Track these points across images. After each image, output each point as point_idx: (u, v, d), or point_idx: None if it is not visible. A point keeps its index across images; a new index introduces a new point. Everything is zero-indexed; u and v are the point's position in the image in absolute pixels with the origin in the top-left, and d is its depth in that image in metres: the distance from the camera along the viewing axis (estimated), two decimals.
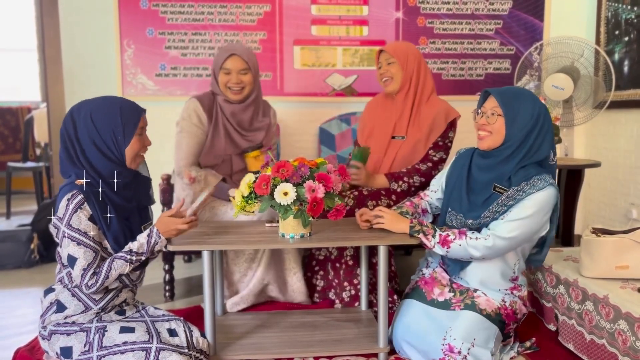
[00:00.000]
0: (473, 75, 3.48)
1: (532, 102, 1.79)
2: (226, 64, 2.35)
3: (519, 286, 1.98)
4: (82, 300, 1.69)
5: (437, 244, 1.86)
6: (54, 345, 1.67)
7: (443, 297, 1.95)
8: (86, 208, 1.61)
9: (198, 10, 3.27)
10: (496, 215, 1.80)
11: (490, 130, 1.81)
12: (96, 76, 3.28)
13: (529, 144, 1.77)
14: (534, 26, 3.46)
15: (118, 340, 1.61)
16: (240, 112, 2.42)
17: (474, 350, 1.80)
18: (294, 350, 1.93)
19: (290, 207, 1.82)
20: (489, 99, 1.85)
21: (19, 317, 2.41)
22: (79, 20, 3.25)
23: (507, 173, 1.79)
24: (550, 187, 1.75)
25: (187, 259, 3.32)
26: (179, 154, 2.38)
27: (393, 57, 2.49)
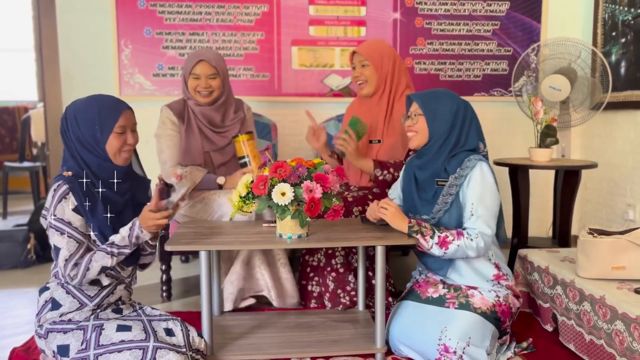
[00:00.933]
0: (470, 76, 3.49)
1: (450, 99, 1.96)
2: (195, 69, 2.40)
3: (504, 275, 2.00)
4: (76, 297, 1.69)
5: (435, 244, 1.86)
6: (50, 343, 1.67)
7: (437, 294, 1.97)
8: (71, 198, 1.63)
9: (196, 10, 3.27)
10: (447, 207, 1.92)
11: (415, 130, 1.98)
12: (93, 76, 3.27)
13: (454, 136, 1.93)
14: (531, 27, 3.47)
15: (115, 339, 1.61)
16: (210, 112, 2.47)
17: (470, 350, 1.81)
18: (291, 350, 1.93)
19: (288, 208, 1.82)
20: (412, 103, 2.02)
21: (16, 318, 2.41)
22: (76, 20, 3.25)
23: (442, 165, 1.94)
24: (480, 162, 1.91)
25: (184, 259, 3.31)
26: (162, 158, 2.43)
27: (367, 59, 2.46)
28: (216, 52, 2.49)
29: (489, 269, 1.98)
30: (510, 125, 3.52)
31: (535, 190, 3.34)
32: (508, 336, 2.01)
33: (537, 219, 3.53)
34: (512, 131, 3.53)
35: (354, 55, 2.52)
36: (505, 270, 2.01)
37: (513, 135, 3.53)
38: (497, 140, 3.53)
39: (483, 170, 1.90)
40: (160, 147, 2.44)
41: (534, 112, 2.82)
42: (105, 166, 1.70)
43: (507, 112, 3.50)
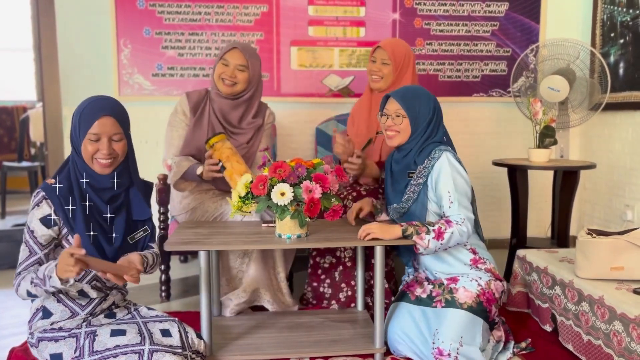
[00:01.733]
0: (469, 77, 3.49)
1: (427, 97, 2.03)
2: (226, 55, 2.35)
3: (481, 259, 2.01)
4: (67, 306, 1.68)
5: (431, 239, 1.87)
6: (42, 352, 1.66)
7: (425, 293, 1.99)
8: (43, 206, 1.61)
9: (195, 10, 3.27)
10: (416, 196, 1.98)
11: (398, 130, 2.02)
12: (92, 76, 3.27)
13: (427, 132, 2.02)
14: (530, 28, 3.47)
15: (109, 344, 1.58)
16: (229, 108, 2.40)
17: (463, 350, 1.82)
18: (290, 350, 1.93)
19: (287, 208, 1.83)
20: (390, 101, 2.04)
21: (14, 318, 2.41)
22: (75, 19, 3.24)
23: (412, 158, 2.02)
24: (444, 152, 1.97)
25: (183, 259, 3.31)
26: (166, 148, 2.42)
27: (390, 59, 2.47)
28: (255, 50, 2.44)
29: (465, 255, 2.01)
30: (509, 125, 3.52)
31: (534, 191, 3.35)
32: (502, 330, 2.02)
33: (536, 220, 3.53)
34: (510, 132, 3.53)
35: (377, 50, 2.52)
36: (483, 254, 2.04)
37: (512, 135, 3.53)
38: (495, 141, 3.53)
39: (449, 158, 1.96)
40: (166, 134, 2.42)
41: (533, 113, 2.83)
42: (90, 172, 1.67)
43: (505, 113, 3.51)
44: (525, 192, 2.88)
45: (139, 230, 1.77)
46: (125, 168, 1.72)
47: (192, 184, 2.38)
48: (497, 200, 3.53)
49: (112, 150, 1.65)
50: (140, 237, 1.78)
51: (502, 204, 3.51)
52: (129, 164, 1.74)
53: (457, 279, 1.98)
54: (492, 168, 3.02)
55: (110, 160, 1.66)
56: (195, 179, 2.31)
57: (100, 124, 1.63)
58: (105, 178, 1.68)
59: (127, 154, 1.73)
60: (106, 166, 1.66)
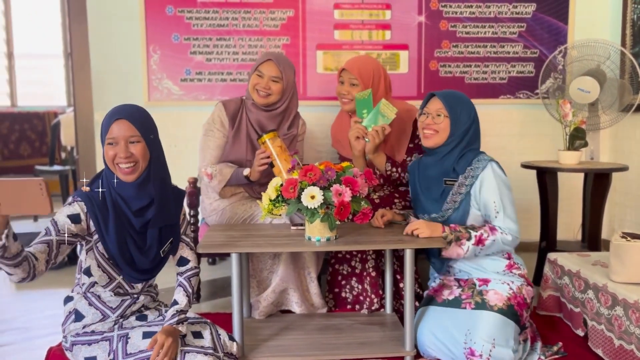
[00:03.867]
0: (496, 79, 3.46)
1: (468, 104, 2.05)
2: (261, 66, 2.38)
3: (515, 264, 2.03)
4: (99, 309, 1.71)
5: (471, 245, 1.91)
6: (77, 356, 1.68)
7: (453, 295, 2.01)
8: (75, 206, 1.61)
9: (222, 16, 3.31)
10: (457, 205, 1.98)
11: (436, 130, 2.02)
12: (123, 81, 3.33)
13: (466, 139, 2.02)
14: (558, 29, 3.43)
15: (142, 346, 1.60)
16: (265, 120, 2.42)
17: (496, 351, 1.82)
18: (320, 352, 1.95)
19: (317, 211, 1.84)
20: (432, 101, 2.06)
21: (49, 318, 2.47)
22: (106, 26, 3.31)
23: (451, 165, 2.02)
24: (490, 162, 1.99)
25: (212, 261, 3.35)
26: (201, 156, 2.43)
27: (357, 79, 2.44)
28: (289, 61, 2.46)
29: (501, 261, 2.02)
30: (537, 128, 3.49)
31: (563, 193, 3.30)
32: (528, 332, 2.00)
33: (565, 222, 3.48)
34: (539, 134, 3.49)
35: (343, 72, 2.49)
36: (517, 260, 2.05)
37: (540, 138, 3.49)
38: (523, 143, 3.50)
39: (494, 169, 1.98)
40: (202, 144, 2.43)
41: (563, 115, 2.80)
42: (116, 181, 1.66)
43: (533, 115, 3.47)
44: (555, 195, 2.85)
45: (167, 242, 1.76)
46: (149, 175, 1.68)
47: (232, 189, 2.39)
48: (525, 203, 3.49)
49: (130, 154, 1.63)
50: (168, 249, 1.77)
51: (530, 207, 3.46)
52: (155, 171, 1.70)
53: (489, 280, 1.98)
54: (519, 170, 3.00)
55: (130, 165, 1.64)
56: (241, 182, 2.32)
57: (115, 127, 1.63)
58: (130, 186, 1.66)
59: (151, 159, 1.69)
60: (128, 172, 1.64)
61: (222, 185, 2.32)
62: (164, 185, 1.74)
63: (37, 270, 1.48)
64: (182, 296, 1.75)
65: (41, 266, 1.49)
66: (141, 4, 3.27)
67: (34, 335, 2.28)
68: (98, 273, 1.68)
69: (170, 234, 1.77)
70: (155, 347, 1.55)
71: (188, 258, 1.83)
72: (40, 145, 5.74)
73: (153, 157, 1.69)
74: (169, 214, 1.74)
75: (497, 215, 1.95)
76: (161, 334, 1.58)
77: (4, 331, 2.33)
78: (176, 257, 1.83)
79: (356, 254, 2.37)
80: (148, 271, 1.71)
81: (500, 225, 1.94)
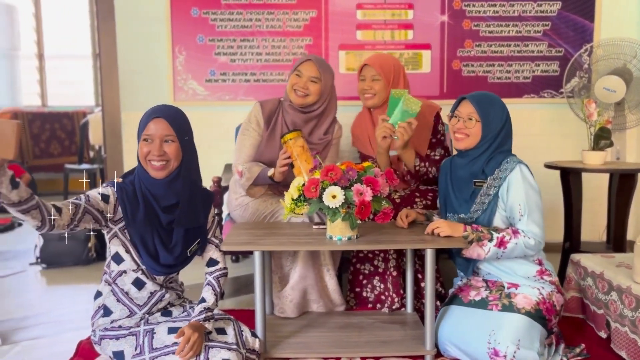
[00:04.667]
0: (520, 78, 3.44)
1: (501, 106, 2.03)
2: (301, 66, 2.39)
3: (546, 270, 2.01)
4: (126, 305, 1.77)
5: (492, 247, 1.91)
6: (105, 349, 1.75)
7: (479, 296, 2.00)
8: (107, 189, 1.69)
9: (246, 17, 3.36)
10: (485, 207, 1.99)
11: (467, 134, 2.01)
12: (149, 82, 3.40)
13: (498, 141, 2.01)
14: (583, 27, 3.39)
15: (168, 341, 1.65)
16: (301, 122, 2.43)
17: (520, 353, 1.81)
18: (341, 350, 1.97)
19: (339, 210, 1.86)
20: (463, 104, 2.04)
21: (79, 312, 2.54)
22: (133, 28, 3.39)
23: (481, 167, 2.02)
24: (519, 164, 1.98)
25: (235, 258, 3.40)
26: (237, 154, 2.45)
27: (379, 74, 2.45)
28: (329, 66, 2.47)
29: (532, 267, 2.01)
30: (561, 127, 3.45)
31: (587, 194, 3.26)
32: (554, 336, 1.99)
33: (590, 223, 3.44)
34: (563, 134, 3.46)
35: (365, 68, 2.51)
36: (548, 266, 2.04)
37: (564, 137, 3.45)
38: (547, 143, 3.46)
39: (523, 172, 1.96)
40: (239, 140, 2.46)
41: (587, 114, 2.77)
42: (147, 177, 1.73)
43: (557, 114, 3.43)
44: (579, 196, 2.83)
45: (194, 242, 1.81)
46: (179, 175, 1.74)
47: (262, 189, 2.42)
48: (549, 203, 3.45)
49: (163, 152, 1.69)
50: (195, 249, 1.82)
51: (553, 207, 3.43)
52: (185, 171, 1.75)
53: (518, 285, 1.98)
54: (543, 170, 2.97)
55: (162, 163, 1.70)
56: (266, 181, 2.34)
57: (152, 125, 1.70)
58: (159, 183, 1.72)
59: (183, 160, 1.74)
60: (158, 169, 1.70)
61: (249, 183, 2.34)
62: (193, 187, 1.79)
63: (57, 223, 1.53)
64: (210, 295, 1.80)
65: (63, 220, 1.55)
66: (167, 6, 3.34)
67: (64, 329, 2.36)
68: (127, 256, 1.74)
69: (197, 234, 1.82)
70: (182, 341, 1.60)
71: (217, 259, 1.88)
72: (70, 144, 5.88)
73: (185, 158, 1.75)
74: (195, 216, 1.79)
75: (522, 218, 1.93)
76: (188, 328, 1.63)
77: (35, 325, 2.41)
78: (205, 257, 1.88)
79: (378, 253, 2.39)
80: (170, 266, 1.76)
81: (524, 229, 1.93)
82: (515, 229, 1.94)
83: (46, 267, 3.26)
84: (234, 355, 1.66)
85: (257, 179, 2.33)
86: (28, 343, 2.22)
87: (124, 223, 1.72)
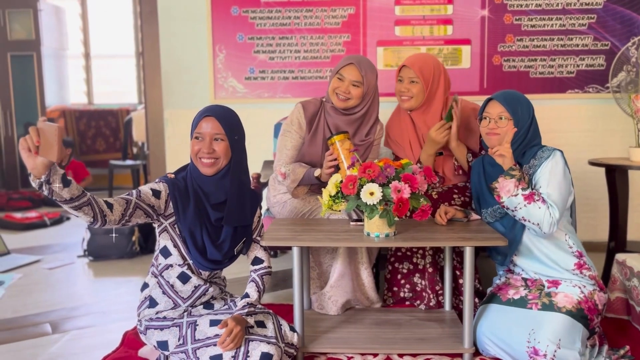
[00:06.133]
0: (563, 73, 3.35)
1: (527, 102, 2.05)
2: (343, 70, 2.36)
3: (585, 264, 1.97)
4: (171, 297, 1.82)
5: (521, 194, 1.90)
6: (150, 339, 1.81)
7: (518, 295, 1.98)
8: (160, 185, 1.75)
9: (285, 15, 3.39)
10: None
11: (499, 133, 2.01)
12: (190, 80, 3.48)
13: (528, 136, 2.02)
14: (631, 20, 3.27)
15: (210, 333, 1.71)
16: (342, 124, 2.41)
17: (561, 353, 1.78)
18: (378, 346, 1.98)
19: (376, 207, 1.87)
20: (491, 104, 2.05)
21: (123, 304, 2.64)
22: (175, 27, 3.47)
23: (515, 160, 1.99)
24: (555, 152, 1.98)
25: (273, 254, 3.45)
26: (278, 155, 2.46)
27: (418, 77, 2.41)
28: (372, 65, 2.42)
29: (570, 258, 1.98)
30: (607, 123, 3.35)
31: (634, 192, 3.16)
32: (597, 337, 1.95)
33: (636, 222, 3.33)
34: (608, 130, 3.36)
35: (403, 69, 2.46)
36: (587, 260, 2.00)
37: (610, 134, 3.35)
38: (591, 139, 3.37)
39: (557, 156, 1.97)
40: (280, 141, 2.46)
41: (635, 110, 2.69)
42: (198, 174, 1.79)
43: (603, 110, 3.33)
44: (625, 194, 2.74)
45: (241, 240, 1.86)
46: (227, 173, 1.79)
47: (305, 189, 2.41)
48: (593, 202, 3.37)
49: (213, 150, 1.75)
50: (242, 248, 1.89)
51: (598, 206, 3.34)
52: (234, 170, 1.80)
53: (559, 282, 1.94)
54: (587, 168, 2.90)
55: (211, 160, 1.76)
56: (312, 182, 2.34)
57: (204, 124, 1.77)
58: (208, 180, 1.78)
59: (232, 159, 1.80)
60: (208, 166, 1.76)
61: (295, 185, 2.34)
62: (241, 186, 1.84)
63: (109, 219, 1.59)
64: (253, 291, 1.85)
65: (114, 216, 1.61)
66: (208, 5, 3.41)
67: (111, 320, 2.45)
68: (175, 251, 1.79)
69: (244, 233, 1.87)
70: (224, 332, 1.65)
71: (262, 258, 1.94)
72: (114, 140, 6.08)
73: (234, 156, 1.80)
74: (243, 215, 1.84)
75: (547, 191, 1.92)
76: (231, 320, 1.67)
77: (83, 315, 2.52)
78: (250, 256, 1.94)
79: (416, 250, 2.39)
80: (217, 262, 1.81)
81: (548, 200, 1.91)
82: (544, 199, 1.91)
83: (93, 260, 3.39)
84: (273, 349, 1.69)
85: (303, 179, 2.33)
86: (77, 332, 2.32)
87: (174, 218, 1.77)
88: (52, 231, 4.24)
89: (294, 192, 2.39)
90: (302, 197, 2.44)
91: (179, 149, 3.51)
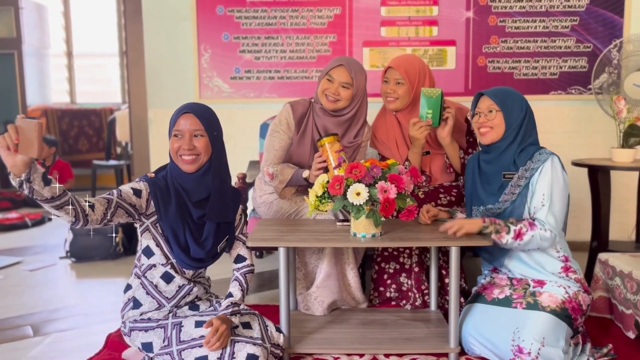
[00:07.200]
0: (547, 74, 3.39)
1: (518, 96, 2.04)
2: (332, 71, 2.34)
3: (571, 267, 2.00)
4: (155, 298, 1.81)
5: (510, 239, 1.89)
6: (134, 340, 1.79)
7: (503, 295, 1.99)
8: (140, 184, 1.74)
9: (271, 14, 3.38)
10: (514, 197, 1.97)
11: (491, 126, 2.01)
12: (175, 79, 3.45)
13: (522, 131, 2.00)
14: (613, 22, 3.32)
15: (195, 334, 1.69)
16: (331, 126, 2.40)
17: (545, 351, 1.80)
18: (365, 346, 1.98)
19: (363, 207, 1.87)
20: (481, 100, 2.06)
21: (107, 305, 2.60)
22: (160, 26, 3.44)
23: (511, 158, 2.01)
24: (552, 156, 1.97)
25: (259, 254, 3.43)
26: (265, 155, 2.45)
27: (403, 78, 2.42)
28: (361, 66, 2.41)
29: (556, 263, 1.99)
30: (590, 124, 3.39)
31: (616, 192, 3.21)
32: (580, 336, 1.97)
33: (618, 222, 3.38)
34: (591, 131, 3.40)
35: (389, 70, 2.47)
36: (574, 264, 2.02)
37: (592, 135, 3.40)
38: (575, 140, 3.41)
39: (555, 163, 1.95)
40: (268, 142, 2.44)
41: (616, 111, 2.72)
42: (178, 172, 1.78)
43: (586, 111, 3.38)
44: (607, 194, 2.78)
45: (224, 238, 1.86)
46: (209, 169, 1.79)
47: (293, 189, 2.41)
48: (576, 202, 3.41)
49: (193, 147, 1.74)
50: (225, 246, 1.88)
51: (581, 206, 3.38)
52: (215, 167, 1.80)
53: (544, 282, 1.96)
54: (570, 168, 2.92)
55: (192, 156, 1.75)
56: (300, 183, 2.33)
57: (182, 121, 1.76)
58: (189, 178, 1.77)
59: (213, 156, 1.79)
60: (189, 162, 1.76)
61: (283, 186, 2.33)
62: (223, 183, 1.84)
63: (90, 218, 1.58)
64: (237, 290, 1.84)
65: (96, 215, 1.59)
66: (193, 5, 3.39)
67: (94, 322, 2.41)
68: (157, 250, 1.78)
69: (226, 231, 1.86)
70: (210, 331, 1.64)
71: (245, 256, 1.92)
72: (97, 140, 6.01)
73: (215, 153, 1.80)
74: (225, 211, 1.84)
75: (542, 208, 1.92)
76: (217, 320, 1.66)
77: (65, 317, 2.48)
78: (233, 254, 1.93)
79: (403, 250, 2.39)
80: (200, 260, 1.80)
81: (542, 219, 1.91)
82: (532, 221, 1.91)
83: (75, 261, 3.34)
84: (259, 350, 1.68)
85: (291, 180, 2.32)
86: (59, 335, 2.28)
87: (156, 217, 1.76)
88: (34, 232, 4.18)
89: (282, 192, 2.38)
90: (288, 198, 2.43)
91: (163, 149, 3.48)
